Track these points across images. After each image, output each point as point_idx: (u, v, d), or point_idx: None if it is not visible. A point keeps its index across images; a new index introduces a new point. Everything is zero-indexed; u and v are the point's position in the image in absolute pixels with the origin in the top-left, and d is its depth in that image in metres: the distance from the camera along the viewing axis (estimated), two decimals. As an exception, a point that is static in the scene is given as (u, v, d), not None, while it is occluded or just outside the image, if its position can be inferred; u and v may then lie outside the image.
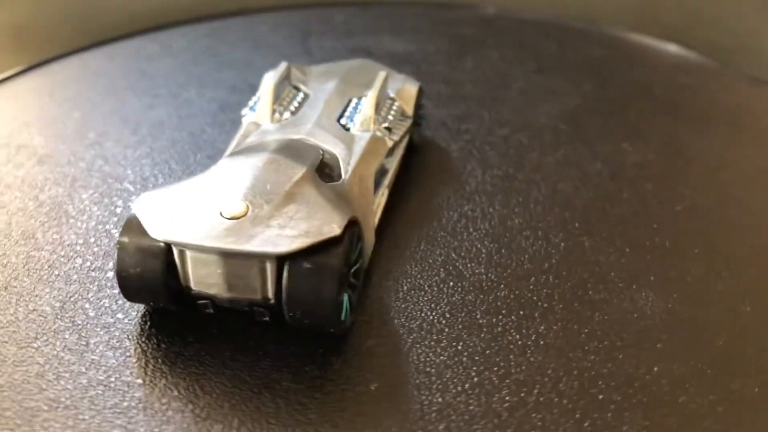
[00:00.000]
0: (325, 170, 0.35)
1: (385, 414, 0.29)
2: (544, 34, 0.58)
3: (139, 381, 0.30)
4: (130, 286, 0.32)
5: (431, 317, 0.34)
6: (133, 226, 0.31)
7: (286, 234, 0.30)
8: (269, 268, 0.30)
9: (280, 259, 0.30)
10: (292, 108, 0.40)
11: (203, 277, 0.31)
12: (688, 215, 0.40)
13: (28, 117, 0.47)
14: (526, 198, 0.41)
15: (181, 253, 0.31)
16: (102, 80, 0.51)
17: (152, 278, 0.31)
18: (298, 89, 0.42)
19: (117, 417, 0.29)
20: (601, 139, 0.46)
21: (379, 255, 0.37)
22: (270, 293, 0.31)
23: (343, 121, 0.39)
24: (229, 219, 0.31)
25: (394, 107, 0.41)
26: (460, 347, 0.32)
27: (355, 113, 0.39)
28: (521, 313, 0.34)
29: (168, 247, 0.31)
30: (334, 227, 0.30)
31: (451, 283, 0.35)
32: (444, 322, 0.33)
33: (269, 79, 0.40)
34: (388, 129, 0.39)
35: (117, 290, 0.32)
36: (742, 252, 0.38)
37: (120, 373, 0.30)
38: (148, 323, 0.33)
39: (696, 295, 0.35)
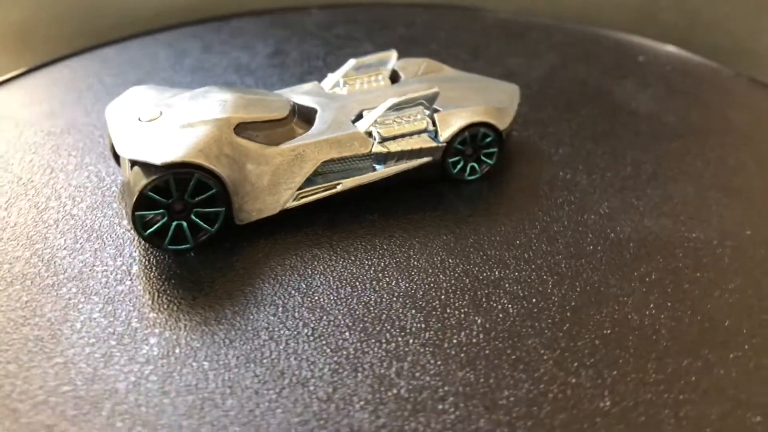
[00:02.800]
0: (262, 131, 0.39)
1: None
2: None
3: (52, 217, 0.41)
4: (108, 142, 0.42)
5: (243, 305, 0.35)
6: None
7: (142, 146, 0.36)
8: (128, 165, 0.37)
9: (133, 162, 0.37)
10: (357, 85, 0.43)
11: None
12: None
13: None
14: (472, 279, 0.37)
15: None
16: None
17: (109, 139, 0.41)
18: (395, 77, 0.44)
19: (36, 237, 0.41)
20: (653, 285, 0.36)
21: (300, 235, 0.39)
22: None
23: (365, 112, 0.41)
24: (141, 121, 0.38)
25: (418, 123, 0.40)
26: (236, 344, 0.33)
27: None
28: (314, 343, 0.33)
29: None
30: (157, 157, 0.35)
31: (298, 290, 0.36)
32: (249, 315, 0.34)
33: (355, 58, 0.44)
34: (379, 134, 0.40)
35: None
36: None
37: (64, 211, 0.41)
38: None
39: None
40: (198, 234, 0.38)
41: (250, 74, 0.53)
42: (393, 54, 0.45)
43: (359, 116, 0.41)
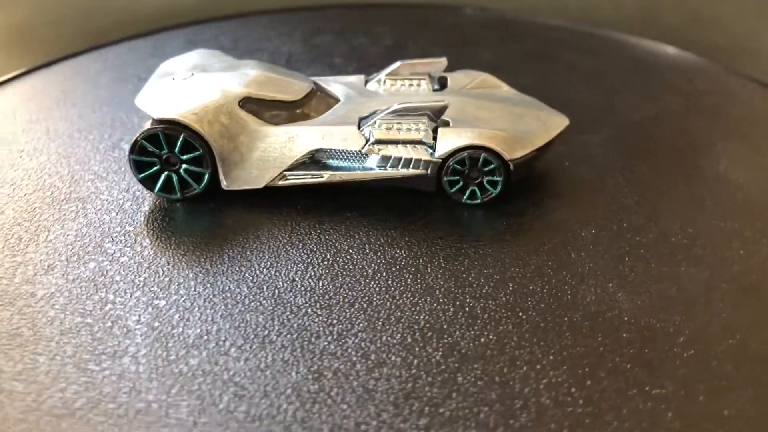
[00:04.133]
0: (271, 109, 0.41)
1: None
2: None
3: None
4: None
5: (179, 258, 0.37)
6: None
7: (153, 100, 0.41)
8: None
9: None
10: (396, 86, 0.43)
11: None
12: None
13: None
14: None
15: None
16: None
17: None
18: (442, 85, 0.44)
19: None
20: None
21: (274, 213, 0.40)
22: None
23: (377, 112, 0.41)
24: (174, 79, 0.42)
25: (414, 133, 0.39)
26: (146, 289, 0.36)
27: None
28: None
29: None
30: (155, 112, 0.40)
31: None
32: (176, 267, 0.37)
33: (401, 60, 0.45)
34: (373, 136, 0.39)
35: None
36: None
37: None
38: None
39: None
40: (186, 189, 0.41)
41: (354, 61, 0.55)
42: (442, 61, 0.44)
43: (372, 114, 0.41)
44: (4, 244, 0.39)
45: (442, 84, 0.44)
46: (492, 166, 0.40)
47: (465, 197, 0.41)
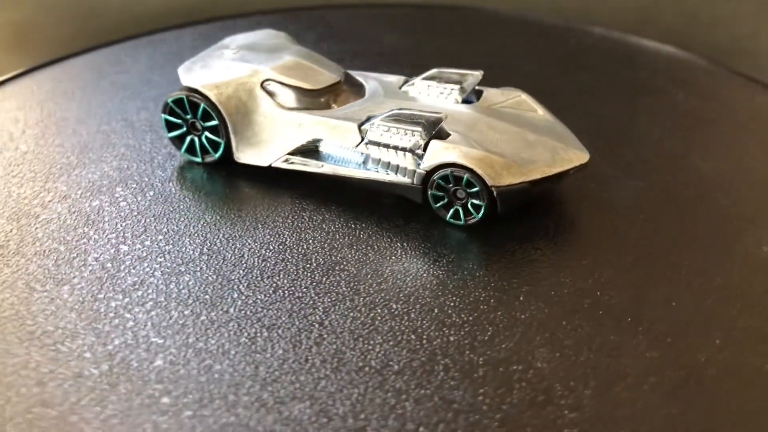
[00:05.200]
0: (295, 94, 0.42)
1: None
2: None
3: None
4: None
5: (164, 213, 0.40)
6: None
7: (191, 69, 0.44)
8: None
9: None
10: (427, 91, 0.42)
11: None
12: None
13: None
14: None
15: None
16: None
17: None
18: (477, 95, 0.43)
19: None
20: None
21: (269, 192, 0.42)
22: None
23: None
24: (223, 53, 0.45)
25: (405, 140, 0.38)
26: (116, 231, 0.39)
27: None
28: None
29: None
30: (184, 79, 0.43)
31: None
32: (154, 222, 0.40)
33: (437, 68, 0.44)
34: (367, 135, 0.39)
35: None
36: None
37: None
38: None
39: None
40: (207, 154, 0.44)
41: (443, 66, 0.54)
42: (478, 74, 0.43)
43: (379, 115, 0.41)
44: (47, 171, 0.44)
45: (478, 97, 0.43)
46: (475, 189, 0.38)
47: (449, 215, 0.39)
